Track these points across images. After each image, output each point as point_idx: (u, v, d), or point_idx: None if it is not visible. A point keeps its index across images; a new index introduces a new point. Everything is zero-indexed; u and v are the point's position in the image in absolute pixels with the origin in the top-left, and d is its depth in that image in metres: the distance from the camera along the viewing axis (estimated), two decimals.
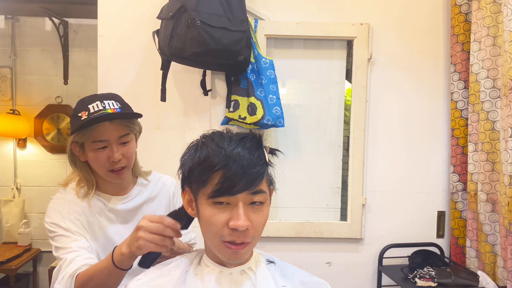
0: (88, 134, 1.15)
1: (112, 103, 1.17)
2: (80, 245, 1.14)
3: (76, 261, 1.08)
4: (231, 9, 1.69)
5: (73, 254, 1.10)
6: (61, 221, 1.16)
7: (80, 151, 1.20)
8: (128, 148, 1.20)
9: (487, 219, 1.79)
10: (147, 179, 1.35)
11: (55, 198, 1.25)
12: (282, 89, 2.03)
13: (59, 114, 3.20)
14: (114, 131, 1.16)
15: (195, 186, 0.84)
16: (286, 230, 2.02)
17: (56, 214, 1.18)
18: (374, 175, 2.05)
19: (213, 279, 0.86)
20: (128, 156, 1.20)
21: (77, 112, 1.16)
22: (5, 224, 3.17)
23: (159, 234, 0.94)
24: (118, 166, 1.19)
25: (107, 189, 1.26)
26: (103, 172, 1.20)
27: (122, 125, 1.18)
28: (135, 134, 1.24)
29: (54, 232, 1.16)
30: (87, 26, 3.17)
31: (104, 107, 1.15)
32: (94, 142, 1.16)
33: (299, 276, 0.94)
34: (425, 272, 1.82)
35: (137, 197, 1.30)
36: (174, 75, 1.95)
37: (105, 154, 1.17)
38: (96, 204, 1.24)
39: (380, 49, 2.03)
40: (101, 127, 1.15)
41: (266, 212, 0.84)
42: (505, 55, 1.63)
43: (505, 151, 1.63)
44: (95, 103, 1.15)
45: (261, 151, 0.83)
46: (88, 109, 1.15)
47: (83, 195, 1.22)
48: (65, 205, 1.20)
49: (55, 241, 1.16)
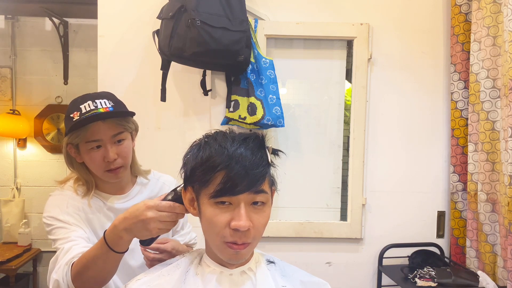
0: (82, 135, 1.14)
1: (104, 102, 1.16)
2: (78, 235, 1.12)
3: (73, 250, 1.06)
4: (231, 9, 1.69)
5: (70, 243, 1.08)
6: (59, 215, 1.15)
7: (76, 152, 1.19)
8: (124, 147, 1.19)
9: (487, 219, 1.79)
10: (146, 178, 1.34)
11: (53, 195, 1.24)
12: (282, 89, 2.03)
13: (59, 114, 3.20)
14: (107, 130, 1.15)
15: (197, 185, 0.84)
16: (286, 230, 2.02)
17: (54, 208, 1.17)
18: (374, 175, 2.05)
19: (214, 279, 0.86)
20: (124, 155, 1.19)
21: (70, 113, 1.15)
22: (5, 224, 3.17)
23: (170, 221, 0.92)
24: (114, 165, 1.17)
25: (106, 189, 1.26)
26: (100, 172, 1.19)
27: (116, 124, 1.16)
28: (130, 132, 1.23)
29: (51, 226, 1.15)
30: (87, 26, 3.17)
31: (96, 106, 1.14)
32: (88, 142, 1.15)
33: (299, 276, 0.94)
34: (425, 272, 1.82)
35: (137, 196, 1.29)
36: (174, 75, 1.95)
37: (100, 154, 1.16)
38: (95, 202, 1.23)
39: (380, 49, 2.03)
40: (94, 127, 1.13)
41: (267, 213, 0.84)
42: (505, 55, 1.63)
43: (505, 151, 1.63)
44: (86, 103, 1.14)
45: (263, 151, 0.83)
46: (80, 109, 1.14)
47: (82, 194, 1.22)
48: (64, 200, 1.19)
49: (53, 234, 1.14)
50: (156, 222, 0.90)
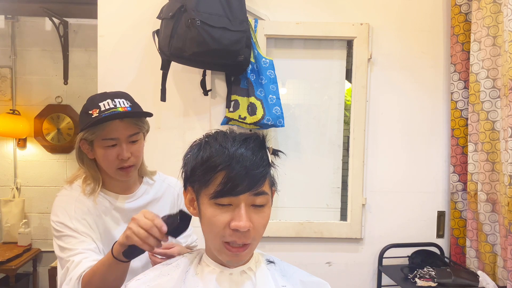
0: (99, 132, 1.15)
1: (123, 102, 1.18)
2: (87, 246, 1.14)
3: (83, 263, 1.08)
4: (231, 9, 1.69)
5: (80, 256, 1.11)
6: (68, 221, 1.17)
7: (89, 148, 1.20)
8: (137, 146, 1.22)
9: (487, 219, 1.79)
10: (152, 178, 1.36)
11: (60, 195, 1.24)
12: (282, 89, 2.03)
13: (59, 114, 3.21)
14: (124, 129, 1.17)
15: (197, 185, 0.83)
16: (286, 230, 2.02)
17: (63, 213, 1.18)
18: (374, 175, 2.05)
19: (214, 279, 0.86)
20: (137, 154, 1.22)
21: (88, 110, 1.17)
22: (5, 224, 3.17)
23: (145, 230, 0.94)
24: (126, 164, 1.19)
25: (113, 188, 1.27)
26: (111, 169, 1.20)
27: (132, 124, 1.19)
28: (143, 133, 1.26)
29: (60, 232, 1.16)
30: (87, 26, 3.17)
31: (115, 105, 1.16)
32: (104, 140, 1.16)
33: (299, 276, 0.94)
34: (425, 272, 1.82)
35: (143, 196, 1.31)
36: (174, 75, 1.95)
37: (114, 152, 1.17)
38: (101, 202, 1.24)
39: (380, 49, 2.03)
40: (111, 125, 1.15)
41: (267, 214, 0.84)
42: (505, 55, 1.63)
43: (505, 151, 1.63)
44: (105, 101, 1.16)
45: (264, 152, 0.83)
46: (99, 107, 1.15)
47: (89, 192, 1.23)
48: (71, 203, 1.20)
49: (62, 241, 1.16)
50: (135, 224, 0.95)
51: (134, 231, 0.94)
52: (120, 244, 0.99)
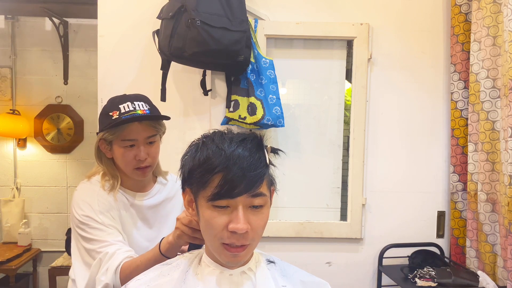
0: (118, 133, 1.20)
1: (142, 105, 1.23)
2: (116, 238, 1.18)
3: (118, 254, 1.13)
4: (231, 9, 1.69)
5: (113, 247, 1.14)
6: (93, 214, 1.20)
7: (108, 148, 1.26)
8: (154, 148, 1.27)
9: (487, 219, 1.79)
10: (166, 178, 1.41)
11: (80, 189, 1.28)
12: (282, 89, 2.03)
13: (59, 114, 3.21)
14: (142, 131, 1.22)
15: (195, 187, 0.83)
16: (286, 230, 2.02)
17: (87, 207, 1.21)
18: (374, 175, 2.05)
19: (214, 279, 0.85)
20: (153, 155, 1.27)
21: (108, 111, 1.21)
22: (5, 224, 3.17)
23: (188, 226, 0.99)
24: (143, 164, 1.24)
25: (130, 186, 1.31)
26: (129, 169, 1.25)
27: (150, 126, 1.24)
28: (160, 135, 1.30)
29: (87, 224, 1.19)
30: (87, 26, 3.17)
31: (135, 108, 1.21)
32: (123, 141, 1.22)
33: (299, 276, 0.94)
34: (425, 272, 1.82)
35: (157, 195, 1.36)
36: (174, 75, 1.95)
37: (132, 153, 1.22)
38: (120, 198, 1.28)
39: (380, 49, 2.03)
40: (131, 127, 1.21)
41: (266, 215, 0.84)
42: (505, 55, 1.63)
43: (505, 151, 1.63)
44: (126, 104, 1.21)
45: (261, 152, 0.82)
46: (119, 109, 1.20)
47: (108, 189, 1.26)
48: (94, 197, 1.24)
49: (88, 233, 1.18)
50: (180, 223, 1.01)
51: (183, 230, 1.00)
52: (172, 244, 1.03)
